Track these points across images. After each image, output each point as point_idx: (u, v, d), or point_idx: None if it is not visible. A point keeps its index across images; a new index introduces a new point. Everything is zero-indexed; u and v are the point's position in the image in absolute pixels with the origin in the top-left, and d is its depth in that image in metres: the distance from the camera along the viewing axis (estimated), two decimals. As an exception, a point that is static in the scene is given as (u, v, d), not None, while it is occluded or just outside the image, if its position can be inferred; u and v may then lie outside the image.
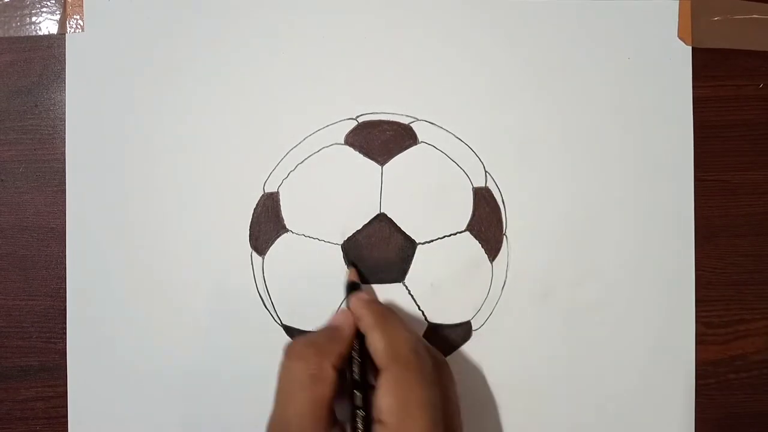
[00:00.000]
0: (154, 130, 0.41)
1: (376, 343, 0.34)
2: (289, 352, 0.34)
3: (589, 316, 0.42)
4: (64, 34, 0.41)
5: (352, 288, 0.39)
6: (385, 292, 0.41)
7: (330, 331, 0.36)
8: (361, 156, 0.42)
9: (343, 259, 0.41)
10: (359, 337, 0.36)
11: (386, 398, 0.32)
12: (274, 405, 0.34)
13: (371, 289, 0.41)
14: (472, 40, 0.42)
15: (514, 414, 0.42)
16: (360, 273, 0.41)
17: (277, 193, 0.41)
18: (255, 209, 0.41)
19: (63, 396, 0.40)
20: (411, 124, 0.42)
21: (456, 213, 0.42)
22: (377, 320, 0.35)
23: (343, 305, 0.40)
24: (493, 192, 0.42)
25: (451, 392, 0.37)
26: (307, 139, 0.41)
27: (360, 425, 0.33)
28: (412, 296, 0.41)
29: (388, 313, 0.36)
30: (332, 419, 0.34)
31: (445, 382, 0.36)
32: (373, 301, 0.38)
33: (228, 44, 0.41)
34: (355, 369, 0.35)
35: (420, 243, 0.41)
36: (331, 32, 0.42)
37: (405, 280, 0.41)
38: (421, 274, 0.41)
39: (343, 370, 0.35)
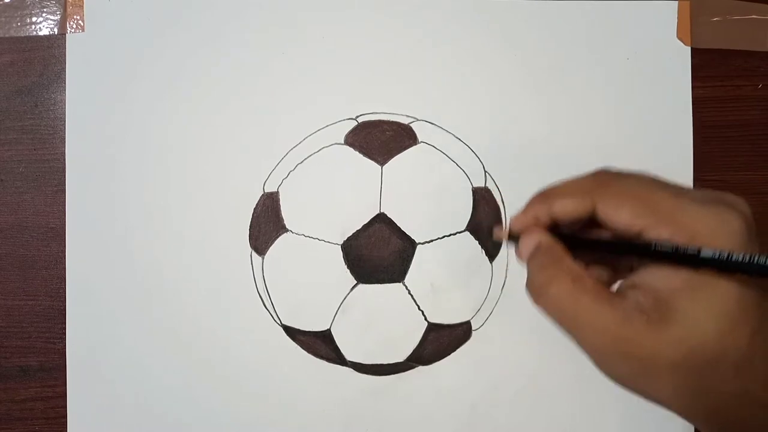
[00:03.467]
0: (153, 129, 0.41)
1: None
2: (537, 289, 0.32)
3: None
4: (64, 34, 0.41)
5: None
6: (384, 292, 0.41)
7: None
8: (361, 156, 0.42)
9: (342, 259, 0.41)
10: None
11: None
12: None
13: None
14: (472, 41, 0.42)
15: (514, 413, 0.41)
16: (363, 272, 0.40)
17: (277, 192, 0.41)
18: (255, 209, 0.41)
19: (62, 396, 0.40)
20: (411, 124, 0.42)
21: (456, 213, 0.42)
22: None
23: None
24: (493, 192, 0.42)
25: None
26: (307, 139, 0.41)
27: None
28: (412, 296, 0.41)
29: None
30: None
31: None
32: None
33: (228, 44, 0.41)
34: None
35: (420, 243, 0.41)
36: (331, 32, 0.42)
37: (405, 280, 0.41)
38: (421, 274, 0.41)
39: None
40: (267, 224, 0.41)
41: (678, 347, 0.28)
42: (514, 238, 0.33)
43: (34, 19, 0.41)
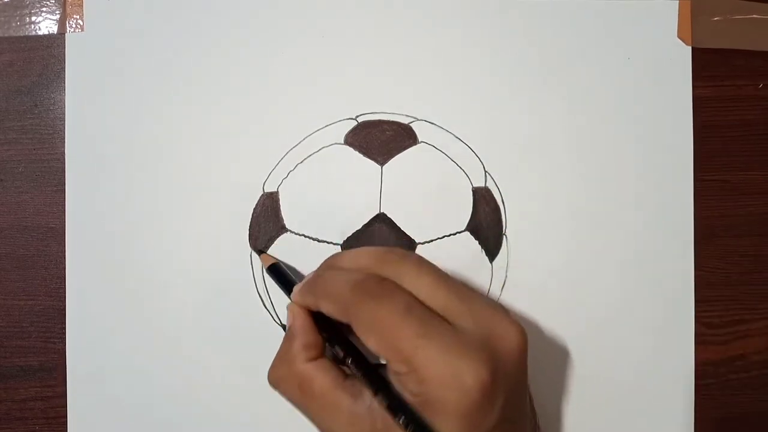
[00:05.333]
0: (153, 129, 0.41)
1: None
2: (271, 383, 0.34)
3: (589, 316, 0.42)
4: (64, 34, 0.41)
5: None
6: (384, 292, 0.41)
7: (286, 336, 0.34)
8: (361, 156, 0.42)
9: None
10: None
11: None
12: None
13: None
14: (472, 40, 0.42)
15: (514, 414, 0.42)
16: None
17: (277, 192, 0.41)
18: (255, 209, 0.41)
19: (62, 396, 0.40)
20: (411, 124, 0.42)
21: (456, 213, 0.42)
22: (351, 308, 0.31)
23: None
24: (493, 192, 0.42)
25: None
26: (307, 139, 0.41)
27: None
28: (411, 296, 0.41)
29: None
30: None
31: None
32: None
33: (228, 44, 0.41)
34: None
35: (420, 243, 0.41)
36: (331, 32, 0.42)
37: (405, 280, 0.41)
38: (421, 274, 0.41)
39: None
40: (267, 224, 0.41)
41: None
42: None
43: (33, 18, 0.41)
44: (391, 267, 0.32)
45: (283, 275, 0.38)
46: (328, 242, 0.41)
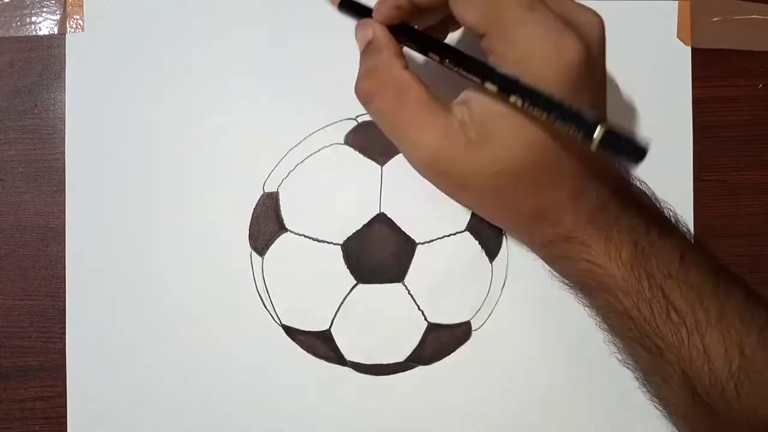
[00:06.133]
0: (153, 130, 0.41)
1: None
2: (363, 97, 0.32)
3: (589, 316, 0.42)
4: (64, 34, 0.41)
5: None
6: (385, 292, 0.41)
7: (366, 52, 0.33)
8: (361, 156, 0.42)
9: (342, 259, 0.41)
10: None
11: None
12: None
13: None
14: (472, 40, 0.42)
15: (514, 414, 0.41)
16: (363, 272, 0.40)
17: (277, 192, 0.41)
18: (255, 209, 0.41)
19: (62, 396, 0.40)
20: (411, 124, 0.42)
21: (456, 213, 0.42)
22: None
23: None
24: (493, 192, 0.42)
25: None
26: (307, 139, 0.41)
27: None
28: (411, 296, 0.41)
29: None
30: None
31: None
32: None
33: (228, 44, 0.41)
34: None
35: (420, 243, 0.41)
36: (330, 32, 0.42)
37: (405, 280, 0.41)
38: (421, 274, 0.41)
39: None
40: (267, 224, 0.41)
41: (487, 169, 0.29)
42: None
43: (33, 18, 0.41)
44: None
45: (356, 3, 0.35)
46: (328, 242, 0.41)
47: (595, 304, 0.35)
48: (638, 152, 0.26)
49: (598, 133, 0.26)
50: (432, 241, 0.41)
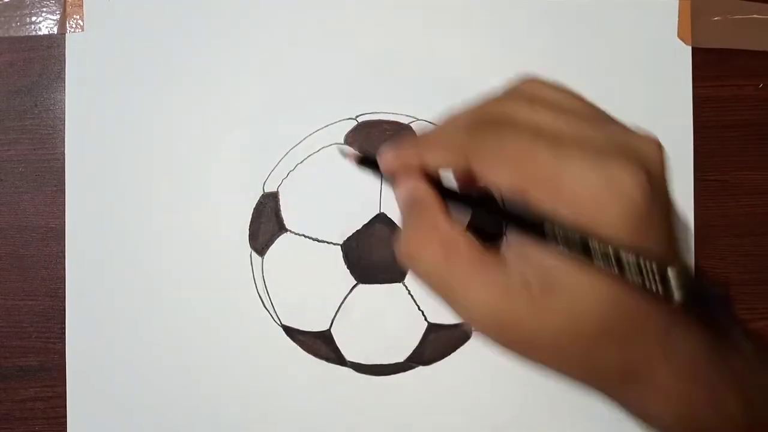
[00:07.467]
0: (153, 130, 0.41)
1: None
2: (407, 255, 0.28)
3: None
4: (64, 34, 0.41)
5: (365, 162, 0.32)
6: (384, 292, 0.41)
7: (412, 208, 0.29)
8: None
9: (342, 260, 0.41)
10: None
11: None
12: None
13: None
14: (472, 40, 0.42)
15: (514, 414, 0.41)
16: (363, 273, 0.40)
17: (277, 192, 0.41)
18: (255, 209, 0.41)
19: (62, 396, 0.40)
20: (411, 124, 0.42)
21: (456, 213, 0.41)
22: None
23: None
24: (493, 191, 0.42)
25: None
26: (307, 139, 0.41)
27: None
28: (411, 296, 0.41)
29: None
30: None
31: None
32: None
33: (228, 44, 0.41)
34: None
35: (420, 243, 0.41)
36: (331, 32, 0.42)
37: (405, 281, 0.41)
38: (421, 274, 0.41)
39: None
40: (267, 224, 0.41)
41: (557, 327, 0.25)
42: (387, 177, 0.30)
43: (33, 18, 0.41)
44: (500, 107, 0.28)
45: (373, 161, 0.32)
46: (328, 242, 0.41)
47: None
48: (717, 299, 0.24)
49: (674, 282, 0.23)
50: (432, 241, 0.41)
